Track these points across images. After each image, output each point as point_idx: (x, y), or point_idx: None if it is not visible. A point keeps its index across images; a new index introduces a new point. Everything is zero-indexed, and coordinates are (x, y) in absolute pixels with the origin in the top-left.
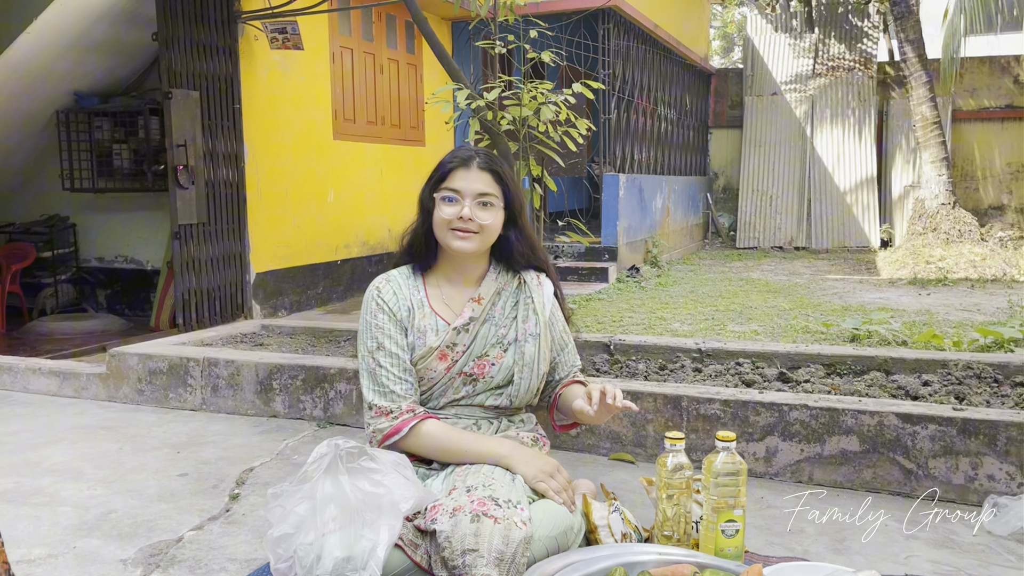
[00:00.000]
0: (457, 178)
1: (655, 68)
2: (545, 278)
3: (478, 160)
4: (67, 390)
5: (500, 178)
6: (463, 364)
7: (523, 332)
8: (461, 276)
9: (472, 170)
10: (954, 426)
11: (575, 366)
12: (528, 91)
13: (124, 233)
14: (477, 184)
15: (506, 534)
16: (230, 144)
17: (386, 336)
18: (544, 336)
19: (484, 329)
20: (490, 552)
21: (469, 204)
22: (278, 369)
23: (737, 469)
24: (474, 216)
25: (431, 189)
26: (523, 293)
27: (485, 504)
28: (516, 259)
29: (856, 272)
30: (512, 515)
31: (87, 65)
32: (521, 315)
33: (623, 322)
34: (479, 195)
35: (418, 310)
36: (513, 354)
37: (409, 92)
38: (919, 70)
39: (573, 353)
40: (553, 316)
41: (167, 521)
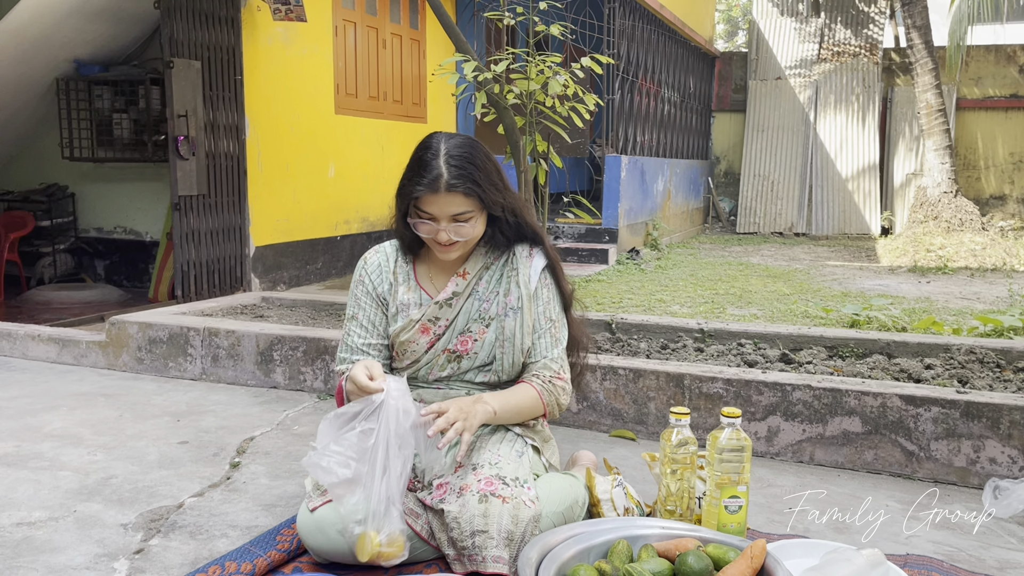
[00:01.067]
0: (428, 203)
1: (660, 49)
2: (538, 252)
3: (445, 179)
4: (66, 357)
5: (471, 190)
6: (447, 341)
7: (504, 306)
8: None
9: (440, 195)
10: (957, 409)
11: (547, 357)
12: (536, 65)
13: (123, 203)
14: (449, 207)
15: (515, 514)
16: (231, 116)
17: (360, 308)
18: (527, 310)
19: (468, 304)
20: (499, 533)
21: (445, 227)
22: (279, 340)
23: (742, 445)
24: (452, 235)
25: (403, 209)
26: (509, 266)
27: (492, 483)
28: (506, 232)
29: (856, 259)
30: (520, 494)
31: (88, 32)
32: (503, 288)
33: (622, 303)
34: (453, 216)
35: (403, 284)
36: (495, 330)
37: (412, 68)
38: (925, 57)
39: (550, 344)
40: (538, 293)
41: (167, 487)
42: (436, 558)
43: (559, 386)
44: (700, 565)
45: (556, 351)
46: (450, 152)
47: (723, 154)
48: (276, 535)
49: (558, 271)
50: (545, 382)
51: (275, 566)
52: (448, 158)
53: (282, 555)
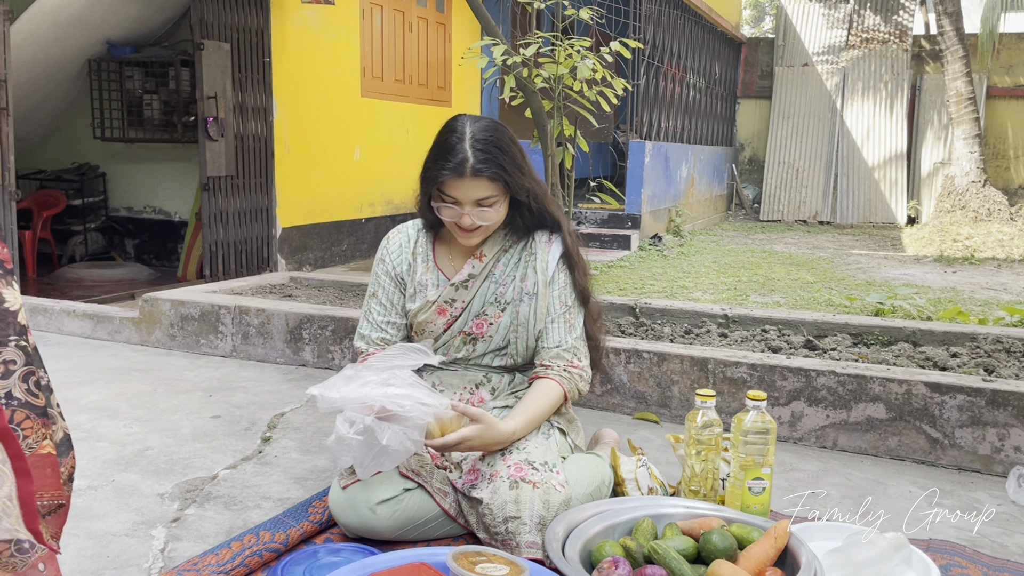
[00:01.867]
0: (452, 187)
1: (685, 35)
2: (557, 239)
3: (471, 164)
4: (100, 333)
5: (496, 174)
6: (463, 323)
7: (520, 291)
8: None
9: (466, 179)
10: (983, 397)
11: (560, 345)
12: (564, 49)
13: (153, 183)
14: (473, 192)
15: (546, 499)
16: (259, 98)
17: (380, 287)
18: (542, 296)
19: (484, 286)
20: (532, 518)
21: (469, 212)
22: (308, 319)
23: (767, 428)
24: (475, 219)
25: (427, 192)
26: (528, 251)
27: (522, 469)
28: (527, 217)
29: (881, 248)
30: (550, 479)
31: (120, 14)
32: (520, 273)
33: (644, 290)
34: (477, 202)
35: (421, 263)
36: (510, 315)
37: (437, 51)
38: (956, 44)
39: (564, 330)
40: (554, 279)
41: (201, 460)
42: (465, 534)
43: (575, 374)
44: (724, 543)
45: (570, 338)
46: (475, 136)
47: (747, 141)
48: (308, 507)
49: (576, 260)
50: (561, 372)
51: (307, 536)
52: (474, 142)
53: (314, 526)
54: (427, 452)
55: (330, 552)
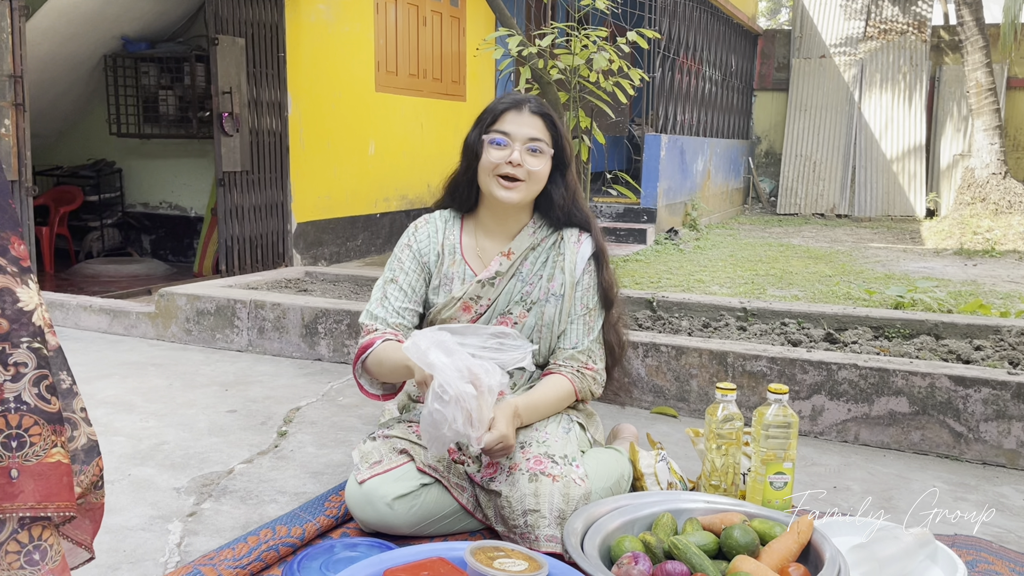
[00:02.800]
0: (508, 121)
1: (701, 27)
2: (587, 238)
3: (530, 104)
4: (117, 328)
5: (552, 124)
6: (486, 320)
7: (546, 291)
8: (499, 227)
9: (524, 113)
10: (1008, 390)
11: (576, 348)
12: (580, 40)
13: (169, 179)
14: (528, 128)
15: (565, 492)
16: (274, 93)
17: (403, 272)
18: (568, 297)
19: (510, 284)
20: (551, 512)
21: (519, 148)
22: (323, 313)
23: (788, 422)
24: (523, 161)
25: (480, 131)
26: (556, 251)
27: (542, 462)
28: (557, 213)
29: (900, 241)
30: (569, 472)
31: (135, 10)
32: (547, 273)
33: (660, 283)
34: (530, 139)
35: (448, 256)
36: (535, 315)
37: (451, 46)
38: (976, 34)
39: (583, 332)
40: (580, 280)
41: (218, 454)
42: (482, 529)
43: (589, 376)
44: (746, 539)
45: (588, 340)
46: (530, 96)
47: (764, 134)
48: (324, 501)
49: (604, 261)
50: (575, 372)
51: (324, 531)
52: (528, 96)
53: (330, 520)
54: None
55: (346, 547)
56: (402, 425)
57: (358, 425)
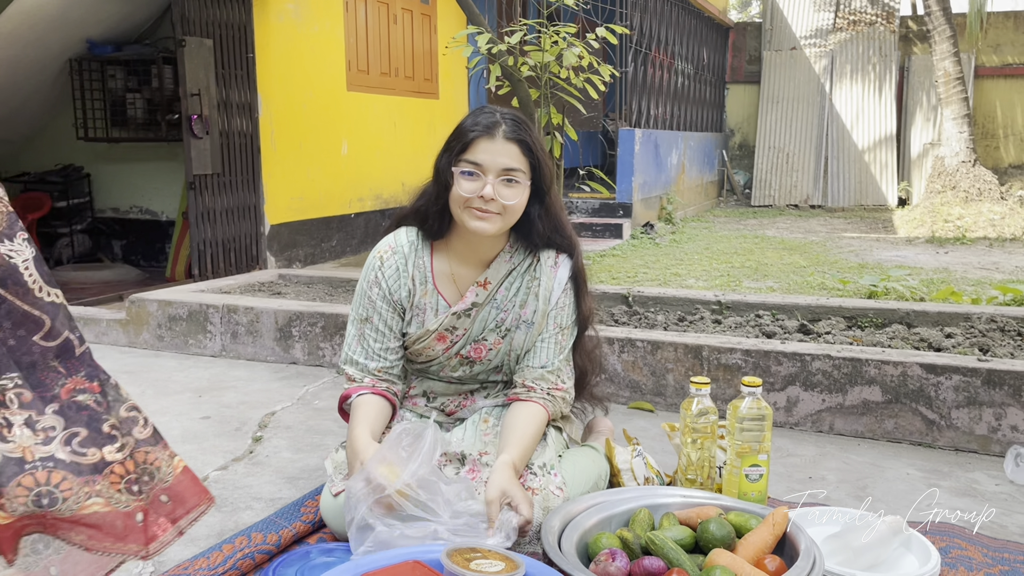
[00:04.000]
0: (479, 150)
1: (673, 21)
2: (564, 260)
3: (504, 129)
4: (87, 335)
5: (528, 149)
6: (461, 347)
7: (517, 318)
8: (473, 255)
9: (497, 141)
10: (979, 377)
11: (545, 367)
12: (550, 36)
13: (139, 183)
14: (502, 158)
15: (545, 506)
16: (244, 94)
17: (375, 313)
18: (538, 325)
19: (485, 312)
20: (532, 529)
21: (492, 181)
22: (297, 316)
23: (762, 414)
24: (497, 195)
25: (449, 160)
26: (531, 275)
27: (522, 476)
28: (535, 239)
29: (873, 230)
30: (548, 483)
31: (100, 12)
32: (520, 300)
33: (637, 278)
34: (504, 171)
35: (420, 287)
36: (507, 340)
37: (423, 43)
38: (943, 24)
39: (554, 351)
40: (558, 305)
41: (191, 461)
42: None
43: (559, 397)
44: (722, 532)
45: (558, 359)
46: (505, 113)
47: (737, 126)
48: (300, 507)
49: (582, 283)
50: (544, 395)
51: (300, 536)
52: (504, 115)
53: (307, 526)
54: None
55: (323, 552)
56: None
57: (334, 428)
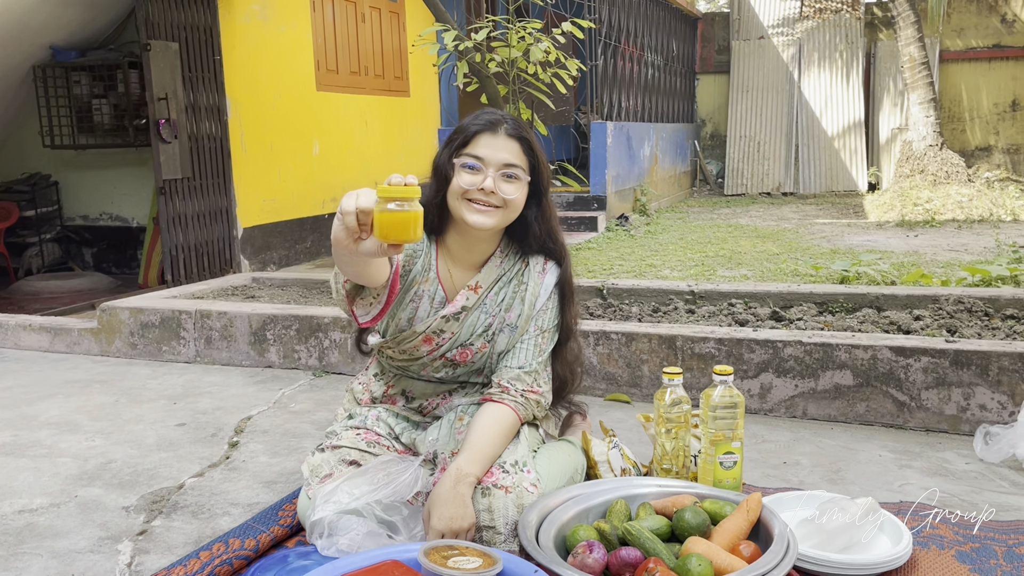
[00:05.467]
0: (481, 144)
1: (641, 13)
2: (552, 267)
3: (506, 126)
4: (59, 346)
5: (529, 148)
6: (447, 350)
7: (502, 322)
8: (467, 254)
9: (499, 136)
10: (947, 358)
11: (522, 368)
12: (516, 31)
13: (108, 190)
14: (503, 153)
15: (519, 503)
16: (212, 97)
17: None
18: (522, 329)
19: (473, 316)
20: (506, 527)
21: (493, 175)
22: (271, 320)
23: (735, 402)
24: (497, 189)
25: (451, 153)
26: (519, 280)
27: (493, 473)
28: (530, 242)
29: (844, 216)
30: (521, 480)
31: (62, 18)
32: (506, 305)
33: (613, 270)
34: (504, 165)
35: (424, 272)
36: (491, 344)
37: (392, 41)
38: (907, 10)
39: (532, 353)
40: (541, 308)
41: (167, 469)
42: None
43: (532, 400)
44: (697, 520)
45: (536, 361)
46: (507, 116)
47: (709, 116)
48: (278, 511)
49: (568, 290)
50: (518, 396)
51: (278, 541)
52: (505, 116)
53: (285, 530)
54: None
55: (300, 556)
56: (350, 432)
57: (311, 431)
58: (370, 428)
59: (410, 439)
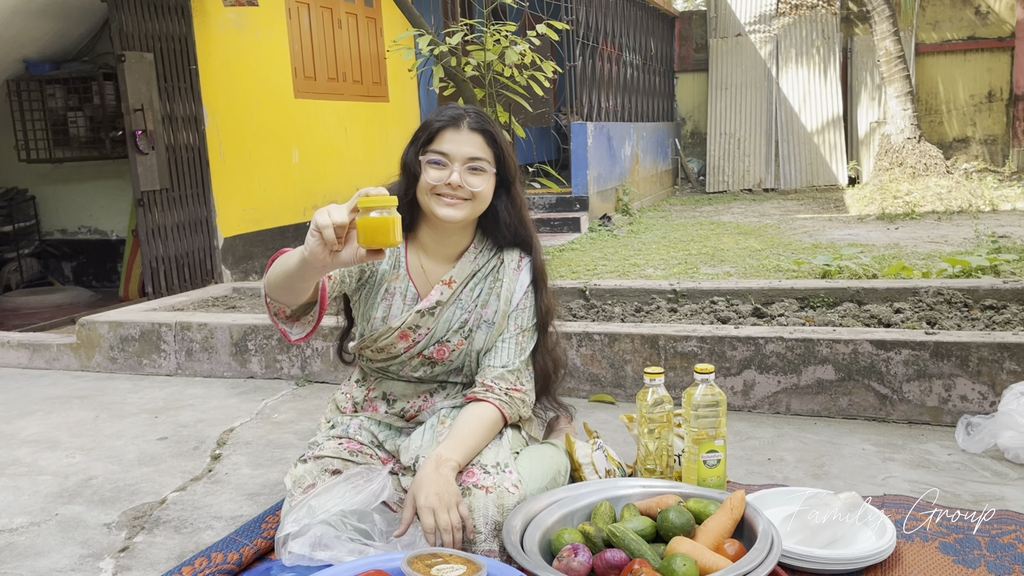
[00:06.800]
0: (445, 140)
1: (618, 13)
2: (527, 263)
3: (469, 120)
4: (38, 362)
5: (493, 140)
6: (423, 346)
7: (478, 318)
8: (441, 248)
9: (462, 131)
10: (927, 350)
11: (506, 367)
12: (491, 34)
13: (86, 203)
14: (467, 147)
15: (500, 503)
16: (188, 107)
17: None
18: (500, 325)
19: (449, 312)
20: (487, 526)
21: (459, 169)
22: (252, 330)
23: (716, 400)
24: (464, 183)
25: (416, 151)
26: (494, 276)
27: (474, 474)
28: (503, 232)
29: (825, 210)
30: (502, 481)
31: (35, 31)
32: (482, 301)
33: (597, 270)
34: (469, 159)
35: (392, 269)
36: (469, 341)
37: (369, 47)
38: (882, 4)
39: (514, 352)
40: (519, 307)
41: (149, 484)
42: None
43: (517, 398)
44: (681, 520)
45: (519, 361)
46: (469, 109)
47: (688, 115)
48: (261, 523)
49: (543, 285)
50: (502, 395)
51: (261, 553)
52: (469, 109)
53: (268, 543)
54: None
55: (284, 568)
56: (332, 442)
57: (294, 441)
58: (352, 437)
59: (394, 446)
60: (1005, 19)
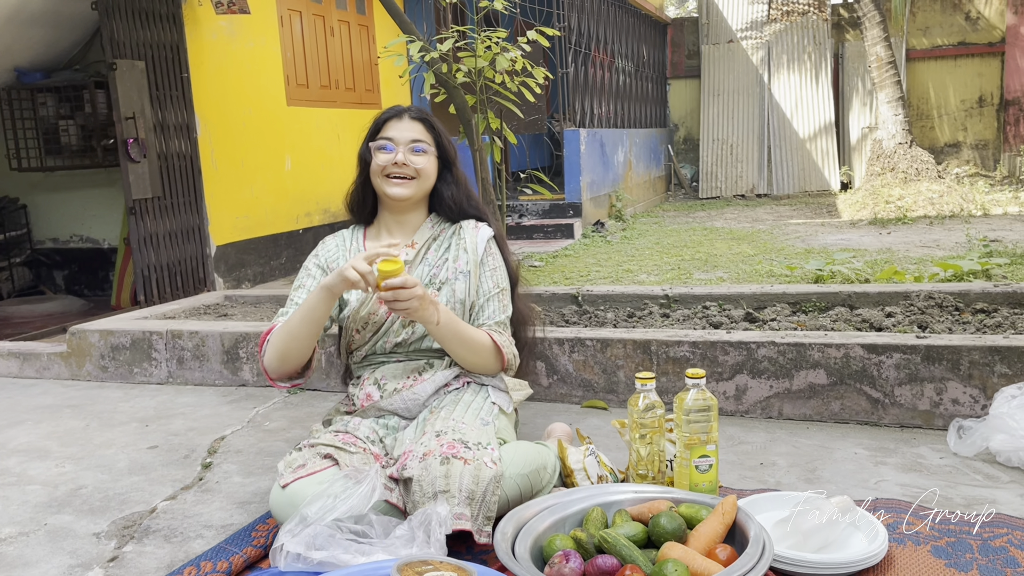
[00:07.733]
0: (391, 128)
1: (610, 20)
2: (484, 225)
3: (410, 112)
4: (28, 371)
5: (431, 127)
6: None
7: (453, 271)
8: (399, 227)
9: (404, 120)
10: (918, 353)
11: (493, 319)
12: (482, 41)
13: (78, 212)
14: (409, 132)
15: (476, 474)
16: (180, 115)
17: (310, 278)
18: (474, 273)
19: (418, 271)
20: (460, 492)
21: (403, 150)
22: (244, 338)
23: (708, 405)
24: (408, 161)
25: (367, 143)
26: (457, 236)
27: (455, 447)
28: (450, 207)
29: (818, 215)
30: (482, 455)
31: (26, 39)
32: (452, 255)
33: (590, 276)
34: (412, 141)
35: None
36: (446, 293)
37: (362, 54)
38: (872, 10)
39: (498, 309)
40: (484, 261)
41: (139, 493)
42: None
43: (506, 339)
44: (673, 525)
45: (503, 316)
46: (411, 106)
47: (681, 121)
48: (251, 531)
49: (503, 245)
50: (500, 334)
51: (252, 562)
52: (410, 106)
53: (258, 551)
54: (370, 449)
55: (278, 574)
56: (328, 434)
57: (286, 449)
58: (349, 431)
59: (390, 442)
60: (995, 25)
